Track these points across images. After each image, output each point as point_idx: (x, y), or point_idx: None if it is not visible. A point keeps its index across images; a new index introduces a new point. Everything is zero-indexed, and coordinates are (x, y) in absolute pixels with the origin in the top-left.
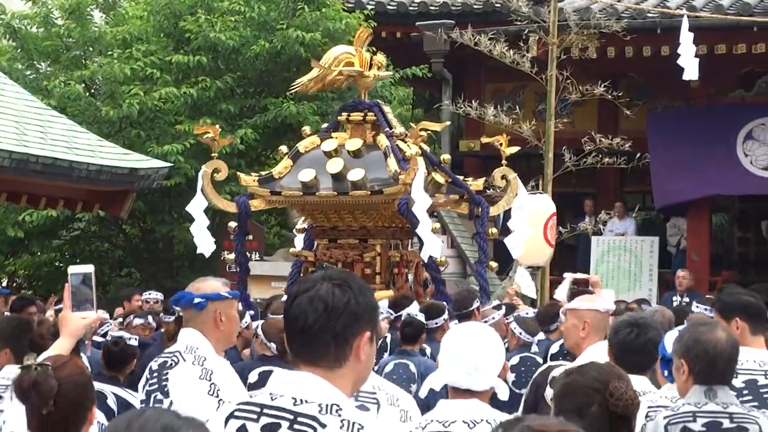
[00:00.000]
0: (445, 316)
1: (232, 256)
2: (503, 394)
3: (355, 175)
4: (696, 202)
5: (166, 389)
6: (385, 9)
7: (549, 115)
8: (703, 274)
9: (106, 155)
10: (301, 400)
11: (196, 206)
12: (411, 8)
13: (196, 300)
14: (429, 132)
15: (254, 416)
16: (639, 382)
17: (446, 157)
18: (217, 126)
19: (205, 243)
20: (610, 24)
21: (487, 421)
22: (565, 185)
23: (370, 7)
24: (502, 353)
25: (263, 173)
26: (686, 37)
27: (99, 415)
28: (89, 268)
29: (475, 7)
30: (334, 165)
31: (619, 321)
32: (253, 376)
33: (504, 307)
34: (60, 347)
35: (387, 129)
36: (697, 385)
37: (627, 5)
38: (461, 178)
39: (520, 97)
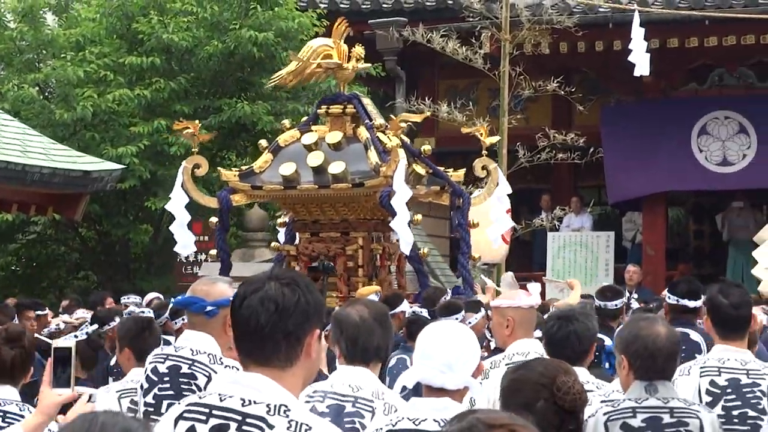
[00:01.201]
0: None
1: (213, 251)
2: (477, 394)
3: (336, 167)
4: (651, 197)
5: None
6: (337, 7)
7: (502, 112)
8: (659, 268)
9: (60, 158)
10: (250, 401)
11: (176, 203)
12: (363, 6)
13: (209, 308)
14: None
15: (203, 417)
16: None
17: (427, 148)
18: (197, 121)
19: (185, 242)
20: (562, 19)
21: None
22: (520, 181)
23: (322, 5)
24: (477, 353)
25: (244, 168)
26: (638, 33)
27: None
28: (71, 343)
29: (428, 4)
30: (315, 158)
31: (548, 315)
32: None
33: (483, 309)
34: (31, 425)
35: (367, 121)
36: (637, 380)
37: (579, 0)
38: (441, 169)
39: (474, 94)
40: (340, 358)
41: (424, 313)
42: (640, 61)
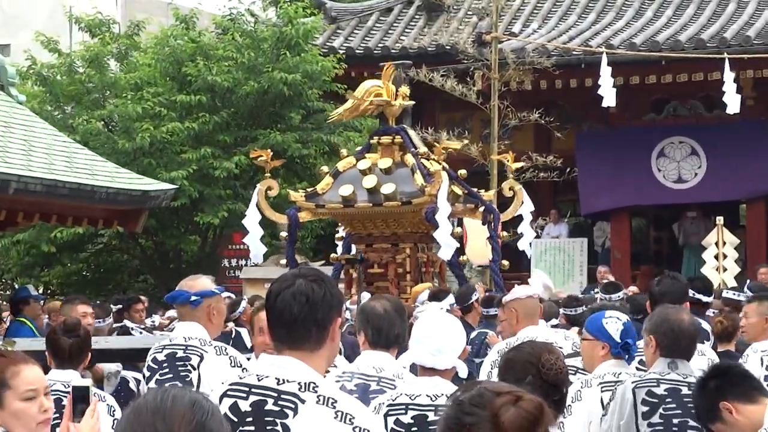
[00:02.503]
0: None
1: (284, 261)
2: (463, 373)
3: (387, 189)
4: (618, 209)
5: (188, 379)
6: (354, 53)
7: (493, 138)
8: (625, 269)
9: (123, 180)
10: (284, 380)
11: (251, 219)
12: (375, 52)
13: (193, 298)
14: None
15: (244, 395)
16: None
17: (463, 172)
18: (269, 150)
19: (257, 251)
20: (542, 61)
21: (446, 395)
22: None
23: (341, 51)
24: (462, 338)
25: (309, 190)
26: (605, 71)
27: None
28: (88, 383)
29: (429, 49)
30: (369, 181)
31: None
32: None
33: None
34: None
35: (413, 149)
36: (662, 357)
37: (555, 45)
38: (475, 190)
39: (469, 124)
40: (364, 344)
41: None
42: (608, 95)
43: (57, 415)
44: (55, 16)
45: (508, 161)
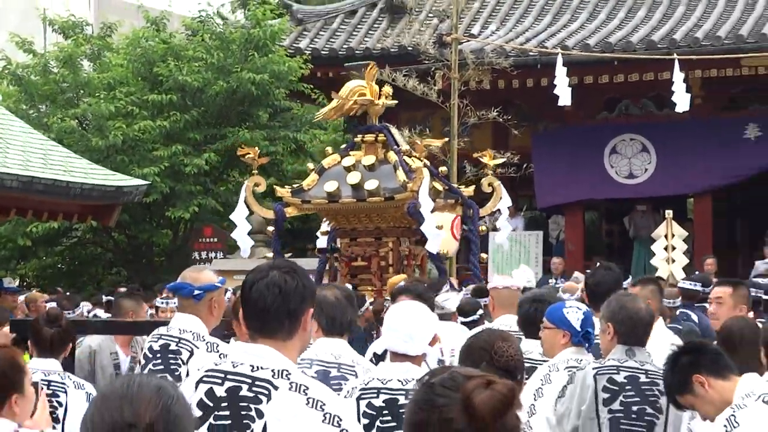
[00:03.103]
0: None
1: (270, 254)
2: (432, 361)
3: (371, 185)
4: (572, 204)
5: (177, 373)
6: (319, 54)
7: (453, 136)
8: (578, 260)
9: (96, 176)
10: (258, 367)
11: (239, 214)
12: (340, 53)
13: (196, 292)
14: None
15: (219, 381)
16: (533, 345)
17: (443, 169)
18: (256, 148)
19: (245, 245)
20: (500, 61)
21: (416, 379)
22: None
23: (307, 52)
24: (432, 326)
25: (295, 186)
26: (561, 72)
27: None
28: (36, 380)
29: (392, 50)
30: (353, 177)
31: (522, 299)
32: None
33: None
34: None
35: (395, 147)
36: (619, 344)
37: (513, 46)
38: (456, 186)
39: (429, 122)
40: (318, 332)
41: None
42: (563, 95)
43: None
44: (29, 18)
45: (485, 158)
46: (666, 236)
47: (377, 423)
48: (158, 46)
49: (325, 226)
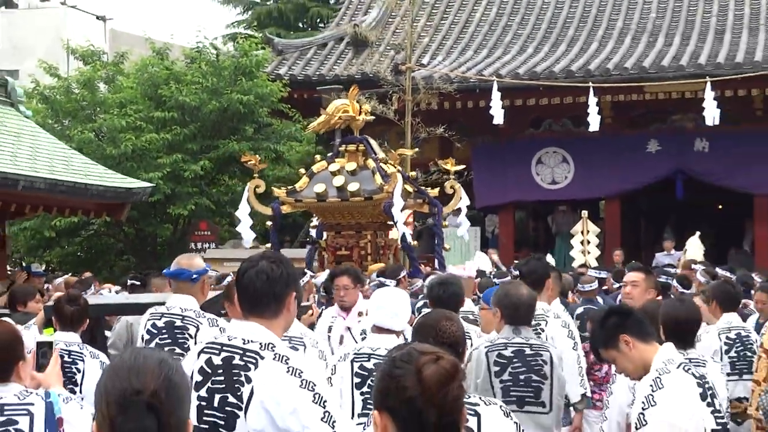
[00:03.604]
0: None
1: (268, 245)
2: (409, 335)
3: (353, 187)
4: (504, 204)
5: (185, 346)
6: (296, 79)
7: (407, 148)
8: (509, 252)
9: (110, 179)
10: (249, 341)
11: (242, 211)
12: (313, 78)
13: (194, 276)
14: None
15: (217, 351)
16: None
17: (413, 173)
18: (257, 156)
19: (247, 237)
20: (446, 87)
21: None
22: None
23: (286, 78)
24: (410, 308)
25: (289, 187)
26: (495, 95)
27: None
28: (51, 338)
29: (356, 76)
30: (338, 180)
31: (430, 281)
32: None
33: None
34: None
35: (374, 155)
36: (507, 325)
37: (456, 74)
38: (424, 188)
39: (387, 137)
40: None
41: (390, 283)
42: (497, 114)
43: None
44: (55, 48)
45: (448, 164)
46: (582, 232)
47: (368, 382)
48: (162, 72)
49: (314, 221)
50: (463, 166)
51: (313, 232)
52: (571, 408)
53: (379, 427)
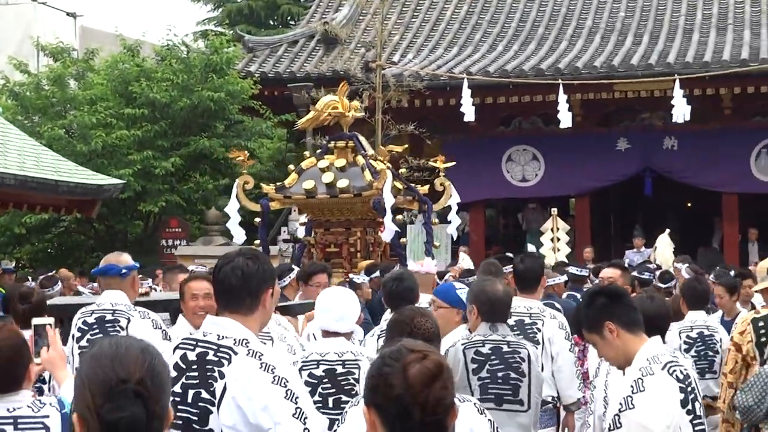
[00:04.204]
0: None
1: (257, 241)
2: (359, 336)
3: (342, 183)
4: (475, 202)
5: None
6: (266, 76)
7: (377, 145)
8: (480, 249)
9: (81, 176)
10: (223, 336)
11: (231, 208)
12: (284, 76)
13: (123, 270)
14: (395, 151)
15: (191, 347)
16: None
17: (403, 170)
18: (246, 152)
19: (238, 233)
20: (416, 84)
21: (351, 351)
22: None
23: (256, 75)
24: (358, 307)
25: (278, 184)
26: (466, 93)
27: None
28: (49, 321)
29: (327, 74)
30: (327, 177)
31: (385, 277)
32: None
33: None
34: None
35: (363, 151)
36: (483, 322)
37: (427, 71)
38: (413, 185)
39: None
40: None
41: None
42: (468, 112)
43: None
44: (25, 45)
45: (437, 162)
46: (552, 229)
47: (319, 389)
48: (133, 69)
49: (303, 218)
50: (451, 164)
51: (302, 230)
52: (560, 408)
53: (368, 422)
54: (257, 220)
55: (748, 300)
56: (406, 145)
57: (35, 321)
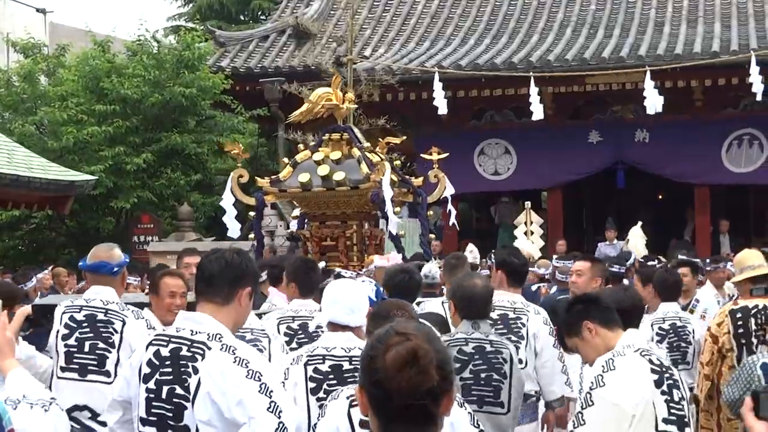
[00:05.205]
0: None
1: (252, 235)
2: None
3: (338, 176)
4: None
5: (110, 340)
6: (238, 71)
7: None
8: (453, 242)
9: (53, 172)
10: (197, 332)
11: (226, 201)
12: (255, 71)
13: (116, 269)
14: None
15: (164, 343)
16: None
17: (398, 163)
18: (239, 144)
19: (233, 227)
20: (388, 79)
21: (359, 347)
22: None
23: (228, 70)
24: (367, 301)
25: (273, 177)
26: (438, 87)
27: None
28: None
29: (298, 68)
30: (323, 170)
31: (392, 271)
32: None
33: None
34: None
35: (358, 144)
36: (464, 319)
37: (398, 66)
38: (408, 177)
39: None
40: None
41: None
42: (441, 105)
43: None
44: None
45: (431, 154)
46: (525, 223)
47: (324, 386)
48: (104, 65)
49: (296, 212)
50: (445, 155)
51: (294, 223)
52: (541, 404)
53: (360, 403)
54: (252, 213)
55: (721, 285)
56: (404, 137)
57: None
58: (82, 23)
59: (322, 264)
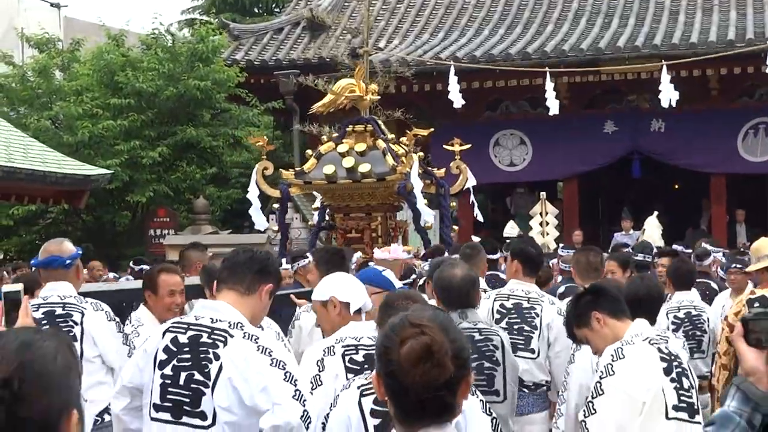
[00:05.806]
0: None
1: (275, 227)
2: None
3: (364, 168)
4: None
5: (72, 333)
6: (252, 64)
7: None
8: (468, 233)
9: (69, 167)
10: (217, 320)
11: (252, 193)
12: (269, 63)
13: (68, 261)
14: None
15: (183, 330)
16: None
17: (420, 154)
18: (264, 136)
19: (259, 220)
20: (403, 70)
21: None
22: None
23: (242, 63)
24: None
25: (297, 169)
26: (453, 79)
27: None
28: (19, 287)
29: (313, 61)
30: (348, 162)
31: (433, 262)
32: None
33: None
34: None
35: (383, 135)
36: (447, 309)
37: (413, 58)
38: (430, 169)
39: (345, 120)
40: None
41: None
42: (455, 97)
43: None
44: (9, 36)
45: (453, 145)
46: (541, 213)
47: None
48: (118, 59)
49: (317, 203)
50: (467, 146)
51: (315, 215)
52: (548, 391)
53: (377, 389)
54: (276, 205)
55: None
56: (432, 129)
57: (5, 288)
58: (96, 18)
59: (357, 255)
